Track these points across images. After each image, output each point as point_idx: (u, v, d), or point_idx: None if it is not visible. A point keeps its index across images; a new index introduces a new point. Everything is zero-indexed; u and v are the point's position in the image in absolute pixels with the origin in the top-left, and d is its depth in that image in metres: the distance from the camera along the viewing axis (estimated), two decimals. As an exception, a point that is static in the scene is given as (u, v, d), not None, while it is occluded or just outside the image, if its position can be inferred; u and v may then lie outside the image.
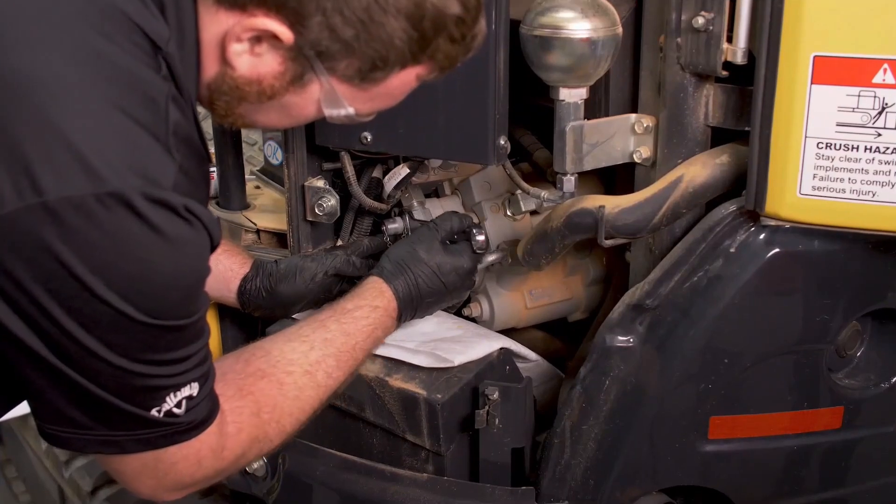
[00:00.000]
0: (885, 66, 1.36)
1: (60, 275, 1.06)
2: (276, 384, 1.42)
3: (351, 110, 1.33)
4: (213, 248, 1.20)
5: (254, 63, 1.26)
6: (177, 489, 1.31)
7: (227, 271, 1.78)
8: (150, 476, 1.26)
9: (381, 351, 1.75)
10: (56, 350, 1.11)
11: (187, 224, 1.12)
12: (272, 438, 1.40)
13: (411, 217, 1.91)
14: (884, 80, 1.37)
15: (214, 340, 1.96)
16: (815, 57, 1.39)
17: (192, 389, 1.22)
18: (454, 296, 1.72)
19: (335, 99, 1.31)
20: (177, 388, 1.20)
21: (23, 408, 1.25)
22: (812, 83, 1.40)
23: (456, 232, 1.74)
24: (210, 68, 1.28)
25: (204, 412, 1.25)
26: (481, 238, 1.75)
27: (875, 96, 1.38)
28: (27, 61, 1.08)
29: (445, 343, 1.76)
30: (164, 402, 1.19)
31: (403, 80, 1.32)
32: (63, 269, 1.06)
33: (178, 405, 1.20)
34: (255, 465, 1.86)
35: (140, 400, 1.18)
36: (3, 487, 3.21)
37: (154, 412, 1.19)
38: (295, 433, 1.46)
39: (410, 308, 1.66)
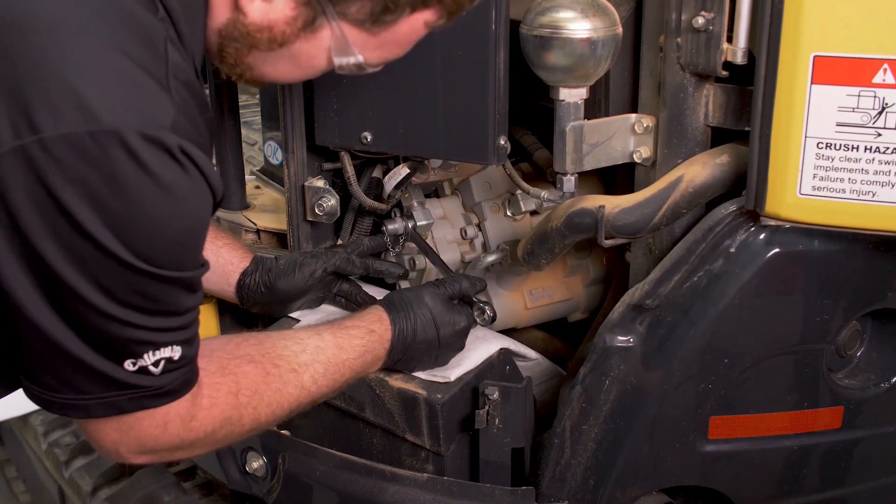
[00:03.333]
0: (885, 66, 1.36)
1: (55, 212, 1.07)
2: (262, 372, 1.41)
3: (360, 58, 1.34)
4: (215, 196, 1.19)
5: (265, 9, 1.27)
6: (139, 451, 1.29)
7: (226, 265, 1.78)
8: (113, 430, 1.25)
9: None
10: (45, 291, 1.11)
11: (180, 168, 1.12)
12: (245, 423, 1.38)
13: (411, 217, 1.91)
14: (884, 80, 1.37)
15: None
16: (815, 57, 1.39)
17: (174, 352, 1.21)
18: (443, 352, 1.69)
19: (345, 46, 1.31)
20: (157, 346, 1.19)
21: (23, 408, 1.25)
22: (812, 83, 1.40)
23: (463, 294, 1.73)
24: (220, 14, 1.29)
25: (178, 381, 1.24)
26: (491, 313, 1.76)
27: (875, 96, 1.38)
28: (26, 2, 1.09)
29: None
30: (142, 357, 1.18)
31: (412, 27, 1.32)
32: (58, 207, 1.07)
33: (156, 364, 1.20)
34: (255, 465, 1.87)
35: (116, 351, 1.17)
36: (3, 487, 3.22)
37: (128, 364, 1.18)
38: (267, 426, 1.45)
39: (402, 346, 1.64)
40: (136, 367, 1.19)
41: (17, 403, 1.31)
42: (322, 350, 1.51)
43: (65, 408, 1.21)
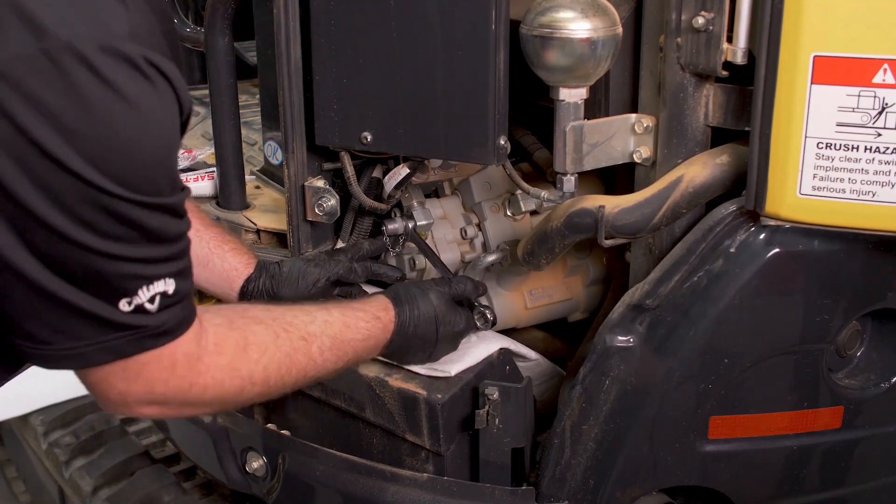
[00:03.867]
0: (885, 66, 1.36)
1: (20, 141, 1.02)
2: (272, 334, 1.38)
3: None
4: (182, 109, 1.14)
5: None
6: (149, 400, 1.24)
7: (231, 270, 1.77)
8: (119, 379, 1.20)
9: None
10: (23, 235, 1.06)
11: (146, 80, 1.07)
12: (255, 382, 1.34)
13: (411, 217, 1.91)
14: (884, 80, 1.37)
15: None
16: (815, 57, 1.39)
17: (168, 286, 1.16)
18: (438, 350, 1.70)
19: None
20: (150, 280, 1.14)
21: (23, 407, 1.24)
22: (812, 83, 1.40)
23: (466, 296, 1.73)
24: None
25: (177, 318, 1.20)
26: (491, 318, 1.76)
27: (875, 96, 1.38)
28: None
29: None
30: (136, 294, 1.13)
31: None
32: (22, 135, 1.01)
33: (152, 300, 1.14)
34: (255, 465, 1.87)
35: (109, 290, 1.12)
36: (3, 487, 3.21)
37: (123, 304, 1.13)
38: (276, 392, 1.40)
39: (400, 339, 1.63)
40: (133, 307, 1.14)
41: (17, 403, 1.31)
42: (330, 324, 1.50)
43: (62, 360, 1.15)
